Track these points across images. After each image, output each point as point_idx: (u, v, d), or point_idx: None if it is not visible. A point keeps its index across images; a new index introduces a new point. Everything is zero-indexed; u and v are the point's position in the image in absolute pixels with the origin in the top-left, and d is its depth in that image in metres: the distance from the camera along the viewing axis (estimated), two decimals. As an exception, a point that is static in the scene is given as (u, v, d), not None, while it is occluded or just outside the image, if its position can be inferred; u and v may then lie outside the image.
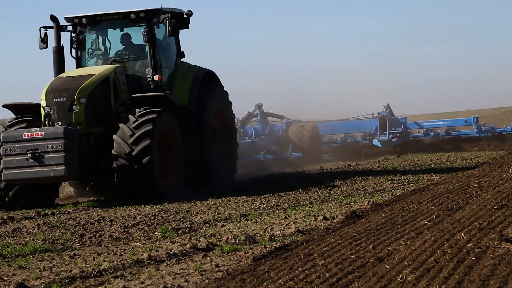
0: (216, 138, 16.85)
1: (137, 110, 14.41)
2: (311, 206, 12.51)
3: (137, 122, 14.15)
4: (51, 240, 10.35)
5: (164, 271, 7.79)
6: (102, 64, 15.76)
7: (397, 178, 16.69)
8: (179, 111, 15.48)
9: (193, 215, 12.41)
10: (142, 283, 7.28)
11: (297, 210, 12.22)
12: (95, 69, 15.35)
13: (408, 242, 8.49)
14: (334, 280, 6.81)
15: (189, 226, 11.17)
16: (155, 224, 11.52)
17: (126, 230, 11.09)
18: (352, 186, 15.74)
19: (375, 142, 24.38)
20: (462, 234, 8.58)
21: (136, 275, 7.68)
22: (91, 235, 10.73)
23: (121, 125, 14.24)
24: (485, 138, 24.84)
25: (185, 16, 15.90)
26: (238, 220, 11.58)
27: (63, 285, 7.29)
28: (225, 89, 17.48)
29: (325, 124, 25.77)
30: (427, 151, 24.18)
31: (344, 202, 12.98)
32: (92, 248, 9.70)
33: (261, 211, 12.43)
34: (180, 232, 10.64)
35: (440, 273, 6.81)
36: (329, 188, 15.17)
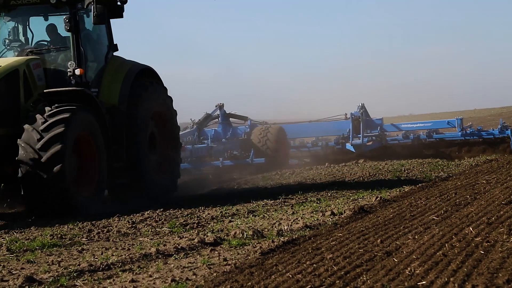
0: (154, 145, 14.60)
1: (47, 108, 12.27)
2: (318, 202, 12.51)
3: (46, 124, 12.01)
4: (59, 235, 10.36)
5: (172, 265, 7.80)
6: (17, 56, 13.45)
7: (405, 175, 16.67)
8: (108, 110, 13.44)
9: (200, 211, 12.41)
10: (150, 276, 7.29)
11: (304, 206, 12.22)
12: (3, 61, 13.02)
13: (416, 237, 8.48)
14: (342, 273, 6.80)
15: (196, 221, 11.18)
16: (162, 220, 11.53)
17: (133, 225, 11.10)
18: (359, 183, 15.73)
19: (348, 146, 21.28)
20: (471, 229, 8.56)
21: (144, 268, 7.69)
22: (99, 230, 10.75)
23: (26, 126, 12.06)
24: (469, 143, 21.47)
25: (118, 3, 13.79)
26: (246, 215, 11.59)
27: (71, 279, 7.29)
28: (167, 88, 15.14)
29: (294, 126, 22.69)
30: (406, 156, 20.92)
31: (351, 198, 12.97)
32: (100, 243, 9.71)
33: (268, 207, 12.43)
34: (187, 227, 10.64)
35: (448, 266, 6.79)
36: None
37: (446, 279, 6.31)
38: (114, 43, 14.19)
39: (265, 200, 13.18)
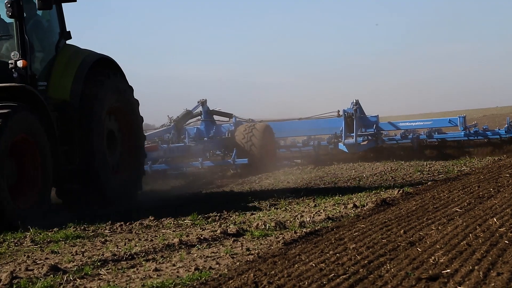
0: (114, 143, 13.01)
1: None
2: (340, 196, 12.48)
3: None
4: (82, 228, 10.42)
5: (195, 255, 7.82)
6: None
7: (427, 169, 16.61)
8: (57, 107, 11.93)
9: (222, 204, 12.42)
10: (174, 265, 7.30)
11: (326, 199, 12.20)
12: None
13: (439, 227, 8.43)
14: (365, 262, 6.78)
15: (218, 214, 11.19)
16: (186, 212, 11.55)
17: (156, 218, 11.13)
18: (381, 177, 15.67)
19: (341, 146, 19.27)
20: (495, 220, 8.51)
21: (168, 258, 7.71)
22: (122, 223, 10.78)
23: None
24: (473, 143, 19.49)
25: None
26: (268, 208, 11.59)
27: (95, 268, 7.33)
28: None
29: (282, 124, 20.68)
30: (404, 157, 19.21)
31: (373, 191, 12.93)
32: (123, 235, 9.74)
33: (290, 200, 12.42)
34: (210, 220, 10.65)
35: (473, 255, 6.75)
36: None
37: (470, 268, 6.27)
38: (67, 30, 12.66)
39: (287, 194, 13.18)
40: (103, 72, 12.73)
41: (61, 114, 11.93)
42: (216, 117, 20.62)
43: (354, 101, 19.47)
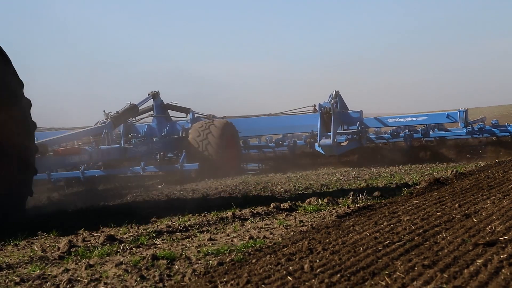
0: None
1: None
2: (392, 177, 12.39)
3: None
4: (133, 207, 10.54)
5: (249, 226, 7.85)
6: None
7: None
8: None
9: (274, 185, 12.45)
10: (228, 235, 7.34)
11: (378, 181, 12.14)
12: None
13: (495, 202, 8.33)
14: (420, 231, 6.73)
15: (270, 194, 11.22)
16: (236, 193, 11.62)
17: (205, 199, 11.22)
18: (430, 162, 15.54)
19: (317, 147, 16.00)
20: (552, 194, 8.37)
21: (221, 229, 7.75)
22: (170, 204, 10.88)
23: None
24: (477, 142, 16.59)
25: None
26: (320, 188, 11.58)
27: (150, 238, 7.41)
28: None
29: (248, 121, 17.59)
30: (395, 161, 16.27)
31: (426, 173, 12.82)
32: (175, 219, 9.81)
33: (341, 182, 12.39)
34: (261, 199, 10.68)
35: (530, 225, 6.65)
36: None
37: (528, 235, 6.18)
38: None
39: (338, 176, 13.13)
40: None
41: None
42: (174, 114, 17.52)
43: (334, 92, 16.53)
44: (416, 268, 5.17)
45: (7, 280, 5.78)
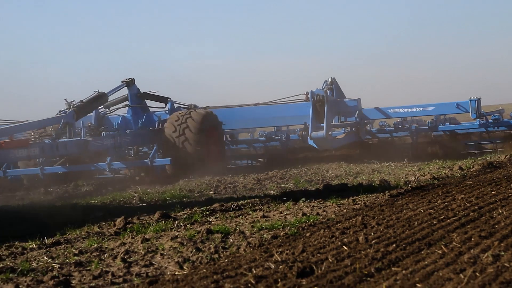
0: None
1: None
2: (445, 162, 12.29)
3: None
4: (187, 189, 10.64)
5: (302, 205, 7.87)
6: None
7: None
8: None
9: (324, 170, 12.45)
10: (281, 213, 7.38)
11: (429, 165, 12.06)
12: None
13: (552, 182, 8.21)
14: (475, 208, 6.67)
15: (321, 179, 11.22)
16: (287, 178, 11.64)
17: (259, 182, 11.26)
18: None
19: (310, 141, 13.89)
20: None
21: (274, 208, 7.79)
22: (226, 186, 10.94)
23: None
24: (491, 136, 14.62)
25: None
26: (370, 173, 11.54)
27: (204, 216, 7.48)
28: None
29: (233, 111, 15.37)
30: (399, 156, 13.89)
31: (478, 158, 12.68)
32: (228, 195, 9.88)
33: (393, 167, 12.32)
34: (312, 183, 10.69)
35: None
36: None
37: None
38: None
39: (389, 162, 13.08)
40: None
41: None
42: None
43: (329, 79, 14.59)
44: (472, 239, 5.13)
45: (66, 252, 5.89)
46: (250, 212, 7.62)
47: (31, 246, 6.25)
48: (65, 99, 13.38)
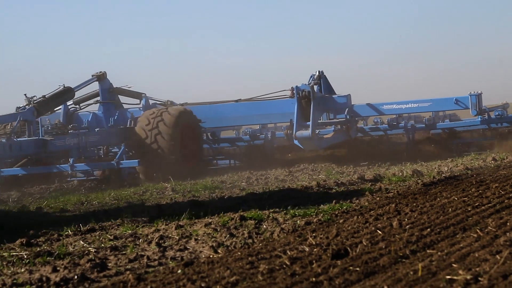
0: None
1: None
2: (479, 154, 12.21)
3: None
4: (219, 181, 10.70)
5: (334, 194, 7.87)
6: None
7: None
8: None
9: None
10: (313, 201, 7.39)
11: (464, 158, 11.99)
12: None
13: None
14: (511, 195, 6.62)
15: (353, 170, 11.21)
16: (319, 170, 11.66)
17: (290, 173, 11.28)
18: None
19: (295, 140, 12.81)
20: None
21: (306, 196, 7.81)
22: (257, 178, 10.98)
23: None
24: (496, 134, 13.49)
25: None
26: (402, 164, 11.51)
27: (232, 205, 7.51)
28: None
29: (213, 108, 14.10)
30: (394, 158, 12.57)
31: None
32: (259, 186, 9.91)
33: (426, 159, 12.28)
34: (344, 174, 10.69)
35: None
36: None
37: None
38: None
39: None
40: None
41: None
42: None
43: (316, 73, 13.38)
44: (508, 224, 5.10)
45: (101, 238, 5.96)
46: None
47: (66, 233, 6.32)
48: (25, 94, 12.39)
